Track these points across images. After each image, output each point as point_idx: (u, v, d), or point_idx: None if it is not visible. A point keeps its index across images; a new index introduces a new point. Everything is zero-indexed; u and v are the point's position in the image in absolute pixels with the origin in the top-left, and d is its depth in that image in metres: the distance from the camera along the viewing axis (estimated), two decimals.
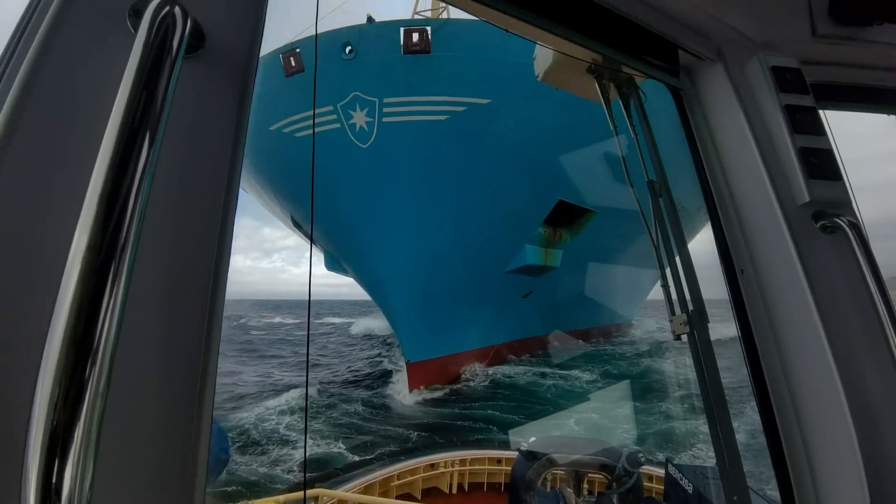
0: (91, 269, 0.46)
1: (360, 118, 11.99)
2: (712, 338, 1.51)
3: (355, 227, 13.55)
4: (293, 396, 14.98)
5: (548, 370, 17.93)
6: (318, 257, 17.62)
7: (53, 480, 0.40)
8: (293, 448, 10.92)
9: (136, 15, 0.62)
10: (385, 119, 11.91)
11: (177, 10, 0.60)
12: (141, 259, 0.54)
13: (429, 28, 11.24)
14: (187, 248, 0.65)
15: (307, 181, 12.35)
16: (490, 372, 16.92)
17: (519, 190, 13.34)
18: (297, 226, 17.40)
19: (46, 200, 0.57)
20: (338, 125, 12.08)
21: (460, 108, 11.75)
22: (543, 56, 2.25)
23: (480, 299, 15.85)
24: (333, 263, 17.51)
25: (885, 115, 1.91)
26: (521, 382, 16.25)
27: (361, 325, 41.12)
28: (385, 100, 11.75)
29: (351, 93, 11.75)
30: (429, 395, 14.94)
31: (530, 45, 1.82)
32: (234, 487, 8.51)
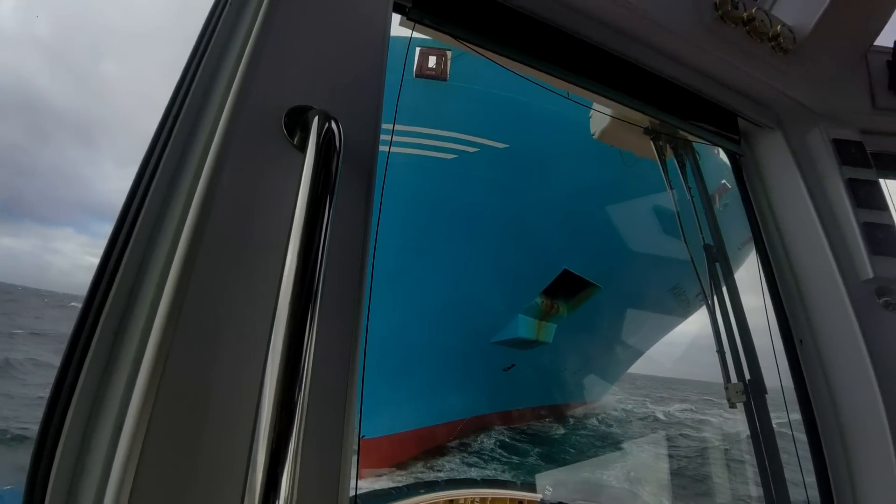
0: (298, 310, 0.57)
1: None
2: None
3: None
4: None
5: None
6: None
7: (269, 475, 0.47)
8: None
9: (292, 121, 0.79)
10: (380, 147, 9.84)
11: (332, 123, 0.74)
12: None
13: (449, 52, 9.56)
14: (338, 292, 0.77)
15: None
16: None
17: (523, 252, 11.40)
18: None
19: (246, 283, 0.68)
20: None
21: (472, 150, 9.89)
22: (600, 116, 2.46)
23: (458, 370, 13.40)
24: None
25: None
26: None
27: None
28: (383, 125, 9.74)
29: None
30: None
31: (560, 91, 1.56)
32: None
